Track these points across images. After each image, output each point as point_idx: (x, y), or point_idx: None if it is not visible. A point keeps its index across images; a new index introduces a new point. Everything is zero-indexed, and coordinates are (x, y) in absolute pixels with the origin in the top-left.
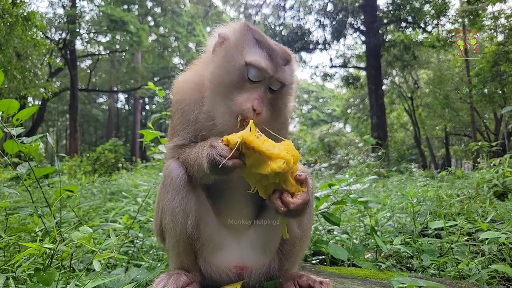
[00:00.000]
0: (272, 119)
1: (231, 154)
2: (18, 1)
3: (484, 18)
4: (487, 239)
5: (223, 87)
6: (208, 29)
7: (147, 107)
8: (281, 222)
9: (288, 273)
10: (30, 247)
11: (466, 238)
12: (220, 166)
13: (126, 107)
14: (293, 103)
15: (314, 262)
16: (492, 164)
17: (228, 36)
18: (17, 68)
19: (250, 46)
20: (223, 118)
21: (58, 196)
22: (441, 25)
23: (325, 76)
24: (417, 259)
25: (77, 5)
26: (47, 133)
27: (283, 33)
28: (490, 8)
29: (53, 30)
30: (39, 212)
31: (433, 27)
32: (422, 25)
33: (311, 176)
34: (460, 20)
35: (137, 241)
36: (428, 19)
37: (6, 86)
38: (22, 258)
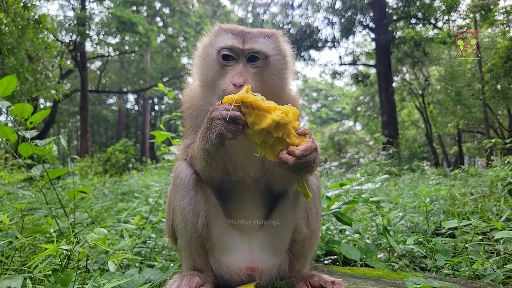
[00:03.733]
0: (266, 92)
1: (232, 107)
2: (29, 5)
3: (496, 13)
4: (502, 238)
5: (208, 82)
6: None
7: (156, 107)
8: (299, 183)
9: (300, 273)
10: (48, 248)
11: (480, 237)
12: (228, 119)
13: (136, 107)
14: (291, 81)
15: (326, 262)
16: (506, 162)
17: (202, 42)
18: (28, 71)
19: (219, 36)
20: None
21: (72, 197)
22: (452, 20)
23: (334, 74)
24: (431, 259)
25: (87, 7)
26: (60, 136)
27: (291, 31)
28: (502, 3)
29: (63, 32)
30: (53, 213)
31: (444, 23)
32: (432, 21)
33: (313, 135)
34: (471, 15)
35: (150, 241)
36: (438, 14)
37: (18, 88)
38: (39, 259)
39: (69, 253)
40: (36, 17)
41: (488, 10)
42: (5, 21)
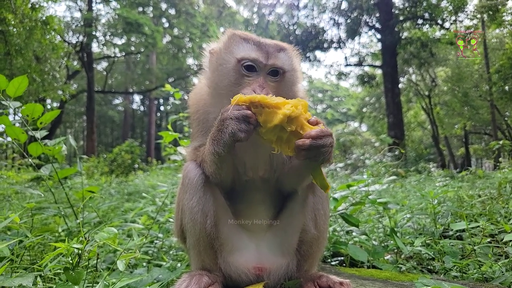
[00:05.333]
0: None
1: (243, 107)
2: (37, 6)
3: (504, 14)
4: (510, 240)
5: (223, 89)
6: (221, 29)
7: (161, 108)
8: (315, 174)
9: (308, 273)
10: (59, 247)
11: (488, 239)
12: (240, 118)
13: (141, 108)
14: (302, 91)
15: (333, 263)
16: None
17: (216, 48)
18: (36, 71)
19: (238, 45)
20: None
21: (80, 197)
22: (459, 21)
23: (340, 75)
24: (439, 261)
25: (94, 8)
26: (69, 136)
27: (297, 32)
28: (510, 3)
29: (70, 33)
30: (62, 213)
31: (451, 24)
32: (439, 21)
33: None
34: (479, 16)
35: (157, 241)
36: (445, 15)
37: (26, 89)
38: (49, 258)
39: (80, 252)
40: (44, 18)
41: (496, 11)
42: (13, 22)
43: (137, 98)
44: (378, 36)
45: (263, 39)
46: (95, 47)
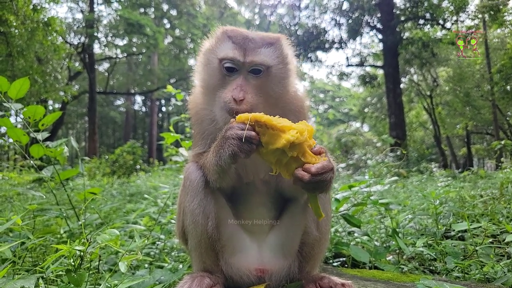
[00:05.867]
0: (270, 104)
1: (247, 126)
2: (38, 7)
3: (506, 13)
4: None
5: (209, 90)
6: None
7: (163, 108)
8: (311, 202)
9: (309, 275)
10: (62, 249)
11: (490, 240)
12: (243, 140)
13: (143, 109)
14: (294, 85)
15: (335, 264)
16: None
17: (205, 45)
18: (38, 73)
19: (222, 43)
20: (220, 117)
21: (82, 198)
22: (460, 21)
23: (342, 75)
24: (441, 262)
25: (95, 9)
26: (71, 137)
27: (298, 33)
28: (511, 3)
29: (72, 34)
30: (64, 214)
31: (452, 24)
32: (440, 21)
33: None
34: (480, 16)
35: (159, 242)
36: (447, 15)
37: (27, 90)
38: (51, 260)
39: (82, 253)
40: (46, 19)
41: (497, 11)
42: (15, 24)
43: (138, 99)
44: (380, 36)
45: (251, 34)
46: (96, 48)
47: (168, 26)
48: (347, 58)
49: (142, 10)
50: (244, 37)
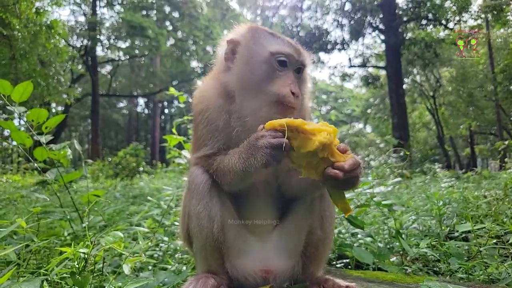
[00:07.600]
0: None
1: (279, 133)
2: (41, 10)
3: (509, 13)
4: None
5: (252, 84)
6: (225, 32)
7: (166, 111)
8: (337, 199)
9: (314, 276)
10: (66, 251)
11: (494, 241)
12: (278, 147)
13: (146, 111)
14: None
15: (338, 265)
16: None
17: (239, 39)
18: (41, 75)
19: (269, 39)
20: (258, 113)
21: (85, 200)
22: (463, 21)
23: (344, 76)
24: (444, 263)
25: (98, 12)
26: (74, 140)
27: (300, 34)
28: None
29: (74, 37)
30: (68, 217)
31: (455, 24)
32: (443, 22)
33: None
34: (483, 15)
35: (162, 244)
36: (449, 15)
37: (31, 93)
38: (56, 262)
39: (86, 256)
40: (48, 22)
41: (500, 10)
42: (17, 27)
43: (141, 101)
44: (382, 37)
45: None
46: (99, 51)
47: (170, 28)
48: (349, 59)
49: (144, 12)
50: (284, 37)
